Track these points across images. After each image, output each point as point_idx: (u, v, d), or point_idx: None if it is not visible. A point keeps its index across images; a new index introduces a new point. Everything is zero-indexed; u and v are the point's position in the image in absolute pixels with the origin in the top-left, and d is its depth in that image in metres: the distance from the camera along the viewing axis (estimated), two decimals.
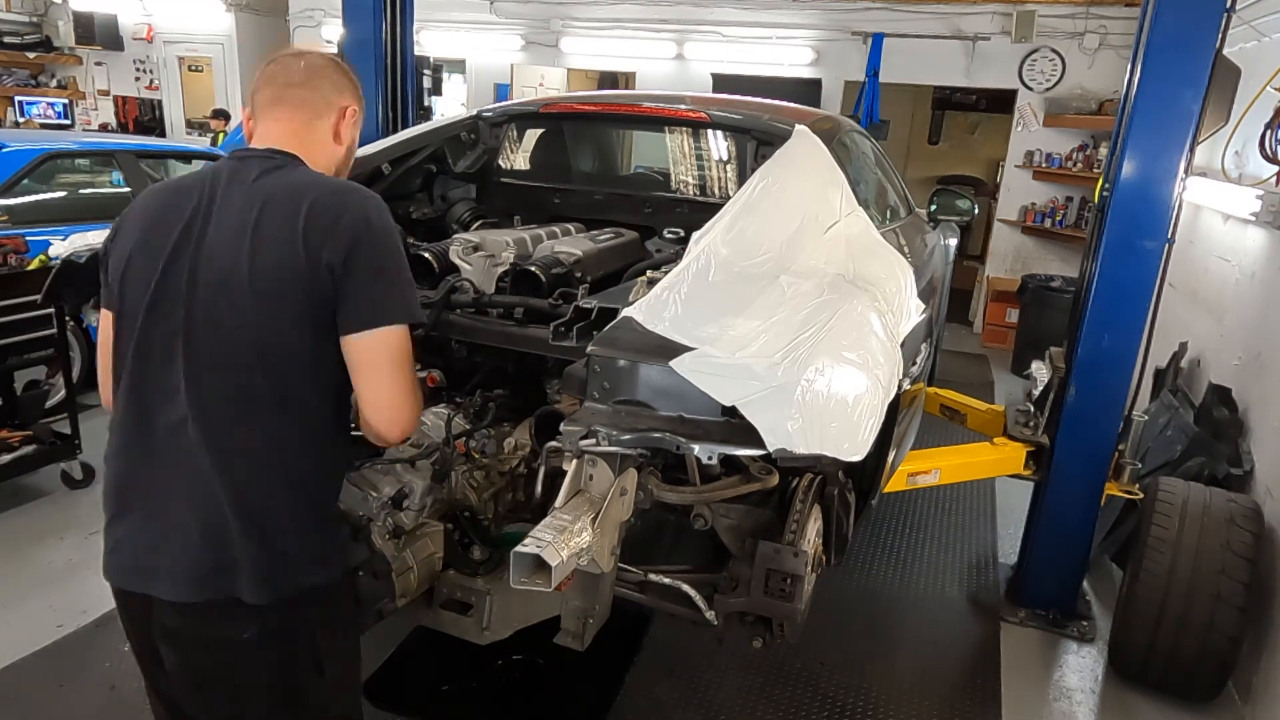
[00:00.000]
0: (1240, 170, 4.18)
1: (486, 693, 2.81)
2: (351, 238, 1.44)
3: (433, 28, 9.10)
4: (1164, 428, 3.96)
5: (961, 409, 3.98)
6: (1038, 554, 3.41)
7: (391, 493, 2.10)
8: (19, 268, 3.93)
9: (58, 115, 11.25)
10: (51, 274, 2.30)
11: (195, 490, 1.44)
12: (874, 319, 1.76)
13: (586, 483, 1.65)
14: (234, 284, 1.43)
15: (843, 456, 1.54)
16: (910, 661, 3.12)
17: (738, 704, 2.81)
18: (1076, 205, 7.81)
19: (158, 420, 1.47)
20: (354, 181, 1.60)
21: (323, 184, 1.52)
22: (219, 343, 1.44)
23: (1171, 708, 2.96)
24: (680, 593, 1.95)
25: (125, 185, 5.28)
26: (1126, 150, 2.91)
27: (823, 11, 8.20)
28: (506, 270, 2.37)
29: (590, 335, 1.79)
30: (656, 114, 3.19)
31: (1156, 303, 3.04)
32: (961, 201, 4.14)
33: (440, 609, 2.25)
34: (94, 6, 10.70)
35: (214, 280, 1.44)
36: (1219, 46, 2.78)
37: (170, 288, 1.46)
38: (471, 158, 3.26)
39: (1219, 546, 2.83)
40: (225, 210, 1.47)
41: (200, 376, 1.44)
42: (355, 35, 4.03)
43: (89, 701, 2.69)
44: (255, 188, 1.48)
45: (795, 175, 2.42)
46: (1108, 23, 7.40)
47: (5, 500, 3.86)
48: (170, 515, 1.46)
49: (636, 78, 9.03)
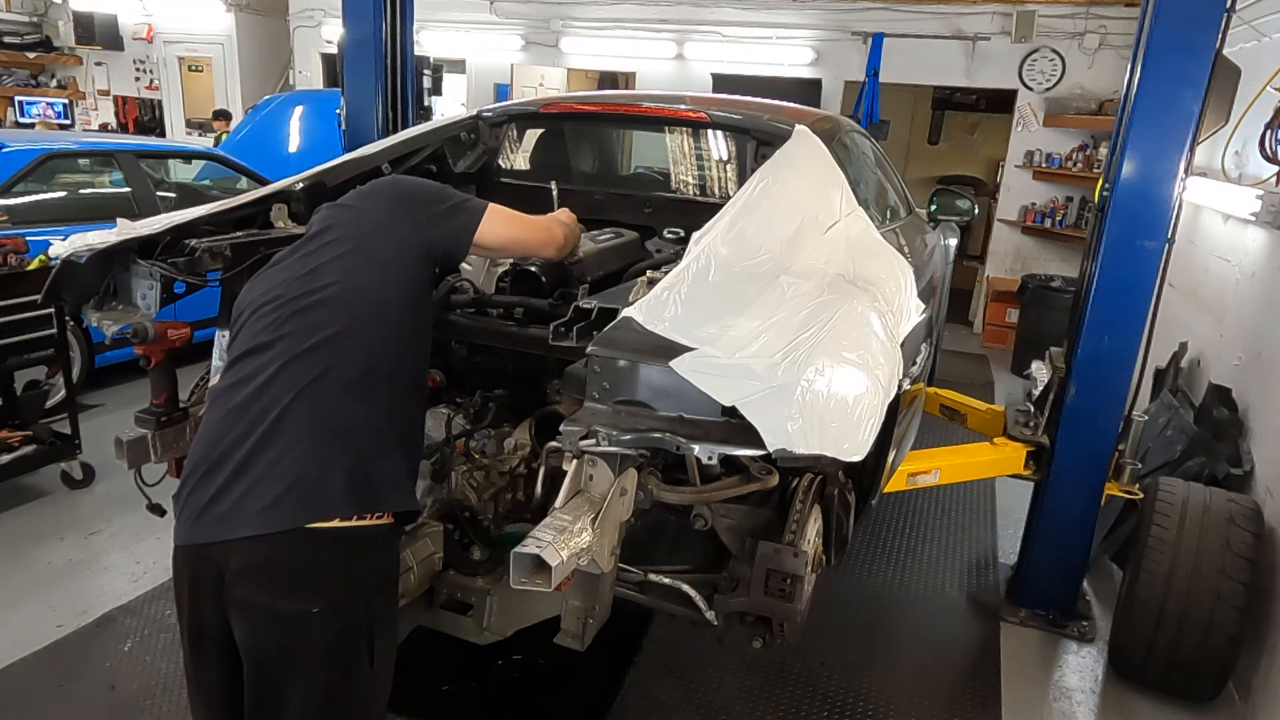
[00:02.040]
0: (1240, 170, 4.18)
1: (486, 693, 2.81)
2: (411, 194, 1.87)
3: (433, 28, 9.10)
4: (1164, 428, 3.96)
5: (961, 409, 3.98)
6: (1038, 554, 3.41)
7: None
8: (19, 268, 3.93)
9: (58, 115, 11.25)
10: (51, 274, 2.29)
11: (293, 429, 1.57)
12: (874, 319, 1.76)
13: (586, 483, 1.65)
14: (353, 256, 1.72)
15: (843, 456, 1.54)
16: (910, 661, 3.12)
17: (738, 704, 2.81)
18: (1076, 205, 7.82)
19: (250, 383, 1.61)
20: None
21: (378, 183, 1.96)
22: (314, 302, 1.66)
23: (1171, 708, 2.96)
24: (680, 593, 1.96)
25: (125, 185, 5.28)
26: (1126, 150, 2.91)
27: (823, 11, 8.20)
28: (506, 270, 2.37)
29: (590, 335, 1.79)
30: (656, 114, 3.19)
31: (1156, 303, 3.04)
32: (961, 201, 4.13)
33: (440, 609, 2.25)
34: (94, 6, 10.71)
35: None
36: (1219, 46, 2.78)
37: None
38: (471, 158, 3.26)
39: (1219, 546, 2.83)
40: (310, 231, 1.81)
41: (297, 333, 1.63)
42: (355, 35, 4.03)
43: (89, 701, 2.69)
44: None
45: (795, 175, 2.42)
46: (1108, 23, 7.40)
47: (5, 500, 3.85)
48: (261, 458, 1.56)
49: (636, 78, 9.03)
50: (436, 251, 1.86)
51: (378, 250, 1.76)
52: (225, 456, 1.57)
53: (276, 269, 1.80)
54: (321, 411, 1.59)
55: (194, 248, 2.28)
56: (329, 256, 1.74)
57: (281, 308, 1.69)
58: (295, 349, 1.62)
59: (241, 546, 1.53)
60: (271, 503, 1.52)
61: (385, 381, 1.68)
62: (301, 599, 1.55)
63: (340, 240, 1.77)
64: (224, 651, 1.62)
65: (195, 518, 1.57)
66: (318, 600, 1.55)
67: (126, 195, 5.25)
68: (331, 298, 1.68)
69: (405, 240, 1.79)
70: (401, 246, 1.78)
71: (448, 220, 1.86)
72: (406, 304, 1.75)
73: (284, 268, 1.78)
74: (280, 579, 1.55)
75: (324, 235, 1.80)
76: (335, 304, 1.67)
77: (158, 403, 2.42)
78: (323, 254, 1.75)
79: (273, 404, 1.58)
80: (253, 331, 1.70)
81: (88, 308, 2.35)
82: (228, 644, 1.61)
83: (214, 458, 1.59)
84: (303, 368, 1.61)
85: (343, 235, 1.78)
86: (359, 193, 1.91)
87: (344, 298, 1.68)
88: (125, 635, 3.00)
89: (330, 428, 1.59)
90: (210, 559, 1.56)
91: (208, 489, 1.57)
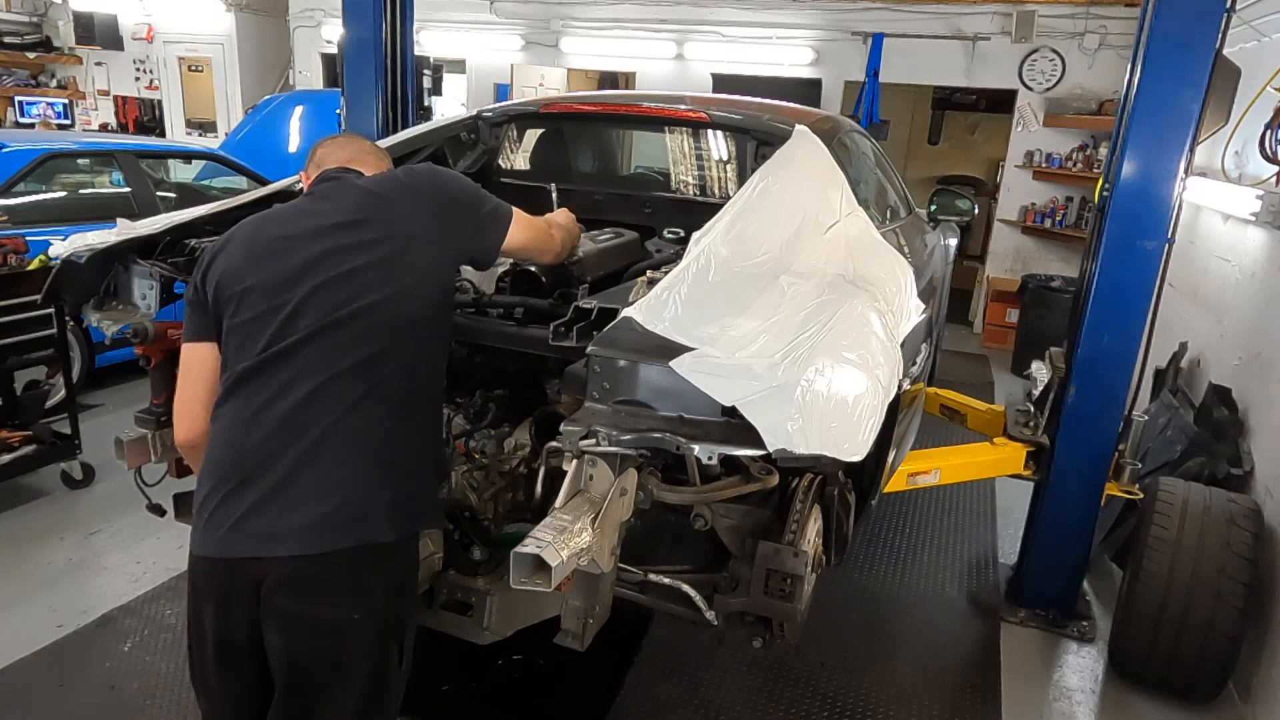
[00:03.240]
0: (1240, 170, 4.18)
1: (486, 693, 2.81)
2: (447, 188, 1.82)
3: (433, 28, 9.10)
4: (1164, 428, 3.96)
5: (961, 409, 3.98)
6: (1038, 554, 3.41)
7: None
8: (19, 268, 3.93)
9: (58, 115, 11.25)
10: (51, 274, 2.30)
11: (341, 451, 1.58)
12: (874, 319, 1.76)
13: (586, 483, 1.65)
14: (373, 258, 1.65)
15: (843, 456, 1.53)
16: (910, 661, 3.12)
17: (738, 704, 2.81)
18: (1076, 205, 7.81)
19: (286, 396, 1.58)
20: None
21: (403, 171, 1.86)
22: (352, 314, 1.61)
23: (1171, 708, 2.96)
24: (680, 593, 1.95)
25: (125, 185, 5.29)
26: (1126, 150, 2.91)
27: (823, 11, 8.20)
28: (506, 270, 2.37)
29: (590, 335, 1.79)
30: (656, 114, 3.19)
31: (1156, 303, 3.04)
32: (961, 201, 4.13)
33: (440, 609, 2.25)
34: (94, 6, 10.70)
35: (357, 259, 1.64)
36: (1219, 46, 2.78)
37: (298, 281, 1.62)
38: (472, 158, 3.26)
39: (1219, 546, 2.83)
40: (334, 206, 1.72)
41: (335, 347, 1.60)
42: (355, 35, 4.03)
43: (89, 701, 2.69)
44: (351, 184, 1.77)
45: (795, 175, 2.42)
46: (1108, 23, 7.40)
47: (5, 500, 3.85)
48: (306, 478, 1.56)
49: (636, 78, 9.03)
50: (468, 258, 1.86)
51: (418, 261, 1.69)
52: (260, 470, 1.55)
53: (287, 241, 1.67)
54: (366, 435, 1.60)
55: (194, 248, 2.28)
56: (367, 259, 1.64)
57: (313, 299, 1.60)
58: (335, 365, 1.58)
59: (284, 562, 1.54)
60: (318, 521, 1.54)
61: (424, 403, 1.72)
62: (345, 607, 1.59)
63: (380, 242, 1.67)
64: (255, 663, 1.63)
65: (228, 530, 1.55)
66: (360, 608, 1.59)
67: (126, 195, 5.24)
68: (372, 312, 1.61)
69: (445, 250, 1.76)
70: (441, 257, 1.75)
71: (485, 229, 1.84)
72: (441, 319, 1.76)
73: (300, 244, 1.66)
74: (323, 590, 1.58)
75: (360, 229, 1.67)
76: (375, 320, 1.62)
77: (158, 403, 2.42)
78: (359, 254, 1.64)
79: (312, 422, 1.57)
80: (275, 321, 1.60)
81: (88, 308, 2.35)
82: (258, 655, 1.61)
83: (247, 470, 1.56)
84: (345, 387, 1.59)
85: (382, 236, 1.67)
86: (396, 182, 1.80)
87: (385, 315, 1.63)
88: (125, 635, 3.00)
89: (375, 451, 1.61)
90: (246, 573, 1.56)
91: (240, 502, 1.55)
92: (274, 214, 1.80)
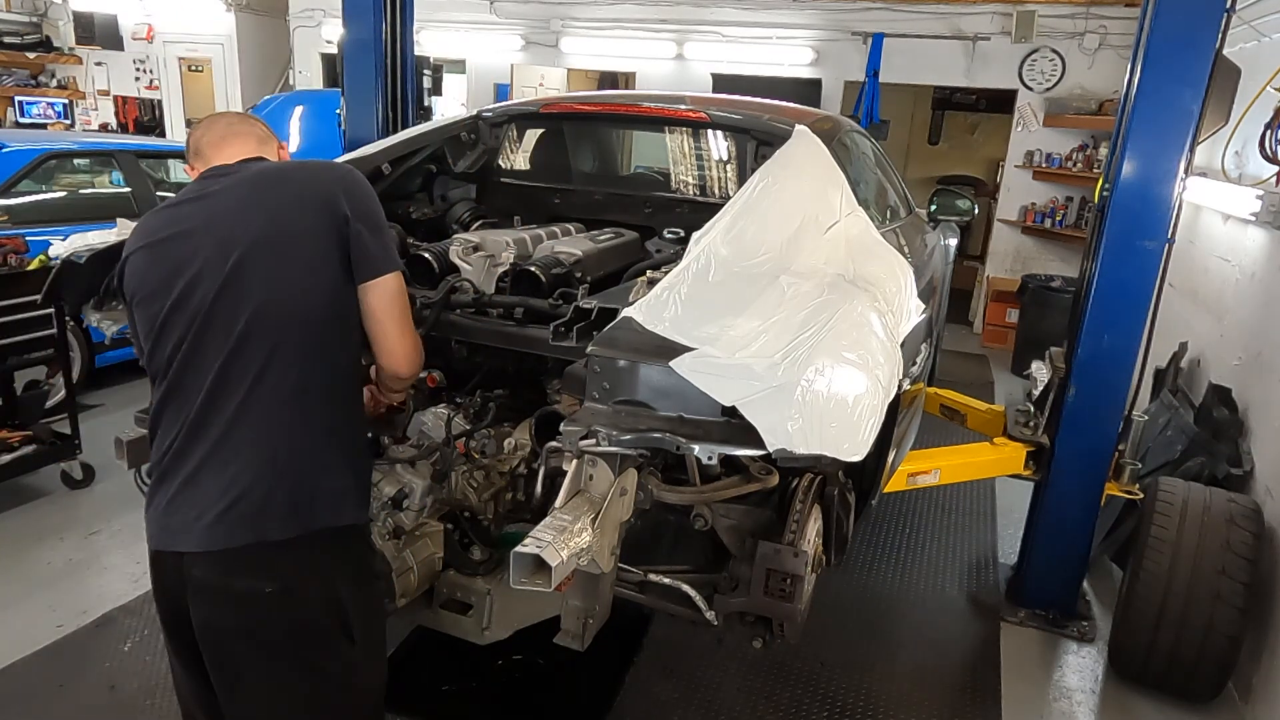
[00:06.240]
0: (1240, 170, 4.18)
1: (486, 693, 2.81)
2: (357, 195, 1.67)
3: (433, 28, 9.10)
4: (1164, 428, 3.96)
5: (961, 409, 3.98)
6: (1038, 554, 3.41)
7: (391, 493, 2.10)
8: (19, 268, 3.93)
9: (58, 115, 11.24)
10: (51, 274, 2.29)
11: (236, 447, 1.59)
12: (874, 319, 1.76)
13: (586, 483, 1.65)
14: (256, 253, 1.59)
15: (843, 456, 1.54)
16: (910, 661, 3.12)
17: (738, 704, 2.81)
18: (1076, 205, 7.81)
19: (194, 397, 1.61)
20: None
21: (306, 161, 1.73)
22: (255, 307, 1.58)
23: (1171, 708, 2.96)
24: (680, 593, 1.96)
25: (125, 185, 5.29)
26: (1126, 150, 2.91)
27: (823, 11, 8.20)
28: (506, 270, 2.37)
29: (590, 335, 1.79)
30: (656, 114, 3.19)
31: (1156, 303, 3.04)
32: (961, 201, 4.14)
33: (440, 609, 2.25)
34: (94, 6, 10.70)
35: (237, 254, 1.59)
36: (1219, 46, 2.78)
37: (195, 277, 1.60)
38: (471, 158, 3.26)
39: (1219, 546, 2.83)
40: (226, 200, 1.64)
41: (240, 341, 1.58)
42: (355, 35, 4.03)
43: (89, 701, 2.69)
44: (243, 177, 1.67)
45: (795, 175, 2.42)
46: (1108, 23, 7.40)
47: (5, 500, 3.85)
48: (207, 474, 1.60)
49: (636, 78, 9.03)
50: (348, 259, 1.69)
51: (301, 256, 1.63)
52: (174, 467, 1.63)
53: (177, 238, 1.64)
54: (258, 432, 1.60)
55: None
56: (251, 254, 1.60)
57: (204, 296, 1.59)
58: (229, 364, 1.59)
59: (194, 555, 1.60)
60: (215, 519, 1.58)
61: (324, 398, 1.66)
62: (256, 579, 1.60)
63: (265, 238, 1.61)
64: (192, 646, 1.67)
65: (154, 522, 1.65)
66: (272, 582, 1.60)
67: (126, 195, 5.25)
68: (261, 309, 1.59)
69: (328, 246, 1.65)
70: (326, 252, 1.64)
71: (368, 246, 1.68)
72: (338, 315, 1.67)
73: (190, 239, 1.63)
74: (233, 566, 1.60)
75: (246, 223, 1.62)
76: (266, 318, 1.59)
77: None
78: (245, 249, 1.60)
79: (214, 419, 1.60)
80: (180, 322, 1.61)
81: (88, 308, 2.35)
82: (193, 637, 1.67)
83: (164, 466, 1.64)
84: (235, 386, 1.59)
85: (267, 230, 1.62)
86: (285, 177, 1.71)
87: (273, 311, 1.59)
88: (125, 635, 3.00)
89: (267, 448, 1.61)
90: (168, 561, 1.65)
91: (163, 496, 1.64)
92: (167, 209, 1.73)
